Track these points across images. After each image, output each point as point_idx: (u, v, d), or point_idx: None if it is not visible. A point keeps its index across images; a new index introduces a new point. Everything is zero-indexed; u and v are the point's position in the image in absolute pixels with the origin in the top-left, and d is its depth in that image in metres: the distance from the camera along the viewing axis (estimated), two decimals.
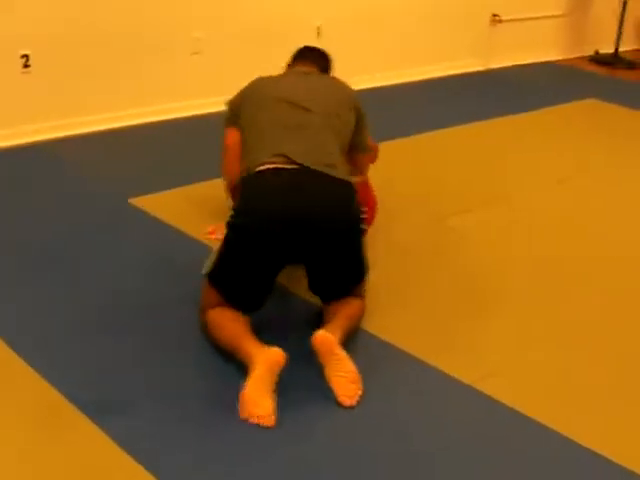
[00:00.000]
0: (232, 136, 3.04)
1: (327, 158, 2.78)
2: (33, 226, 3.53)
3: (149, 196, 3.81)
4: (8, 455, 2.20)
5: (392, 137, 4.69)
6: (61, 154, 4.38)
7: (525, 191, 4.24)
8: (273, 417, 2.34)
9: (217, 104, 5.06)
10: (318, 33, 5.71)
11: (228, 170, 3.06)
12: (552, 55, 7.36)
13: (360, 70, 5.90)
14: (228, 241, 2.67)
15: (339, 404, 2.42)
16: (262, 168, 2.70)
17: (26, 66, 4.44)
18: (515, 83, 6.57)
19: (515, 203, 4.08)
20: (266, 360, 2.38)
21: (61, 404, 2.38)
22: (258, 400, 2.34)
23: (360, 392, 2.46)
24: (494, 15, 6.73)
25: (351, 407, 2.42)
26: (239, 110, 3.05)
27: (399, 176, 4.23)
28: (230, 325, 2.58)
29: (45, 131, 4.53)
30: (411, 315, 3.00)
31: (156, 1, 4.85)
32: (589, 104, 6.03)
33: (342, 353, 2.47)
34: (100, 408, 2.37)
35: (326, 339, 2.45)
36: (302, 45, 3.52)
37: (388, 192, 3.78)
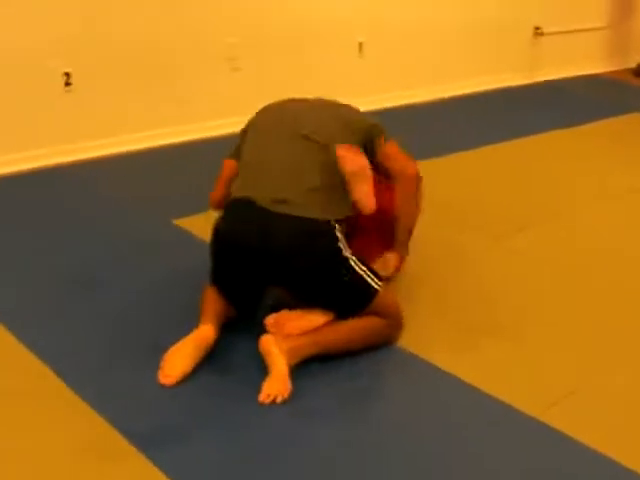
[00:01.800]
0: (224, 167, 3.13)
1: (299, 196, 2.76)
2: (77, 248, 3.49)
3: (193, 217, 3.75)
4: None
5: (437, 154, 4.62)
6: (102, 173, 4.35)
7: (576, 208, 4.13)
8: (174, 379, 2.53)
9: None
10: (360, 49, 5.65)
11: (210, 196, 3.18)
12: (595, 68, 7.24)
13: (402, 85, 5.85)
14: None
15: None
16: (235, 198, 2.88)
17: (67, 84, 4.42)
18: (558, 97, 6.46)
19: (565, 221, 3.98)
20: (195, 333, 2.65)
21: (111, 434, 2.31)
22: (171, 360, 2.57)
23: (285, 394, 2.48)
24: (536, 28, 6.64)
25: (263, 403, 2.45)
26: (241, 140, 3.11)
27: (445, 194, 4.14)
28: (206, 301, 2.82)
29: (86, 150, 4.50)
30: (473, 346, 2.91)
31: (196, 20, 4.82)
32: (633, 118, 5.90)
33: (275, 351, 2.54)
34: (150, 438, 2.30)
35: (264, 342, 2.58)
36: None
37: (438, 211, 3.70)
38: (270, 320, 2.68)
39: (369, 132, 2.98)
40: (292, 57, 5.29)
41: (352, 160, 2.87)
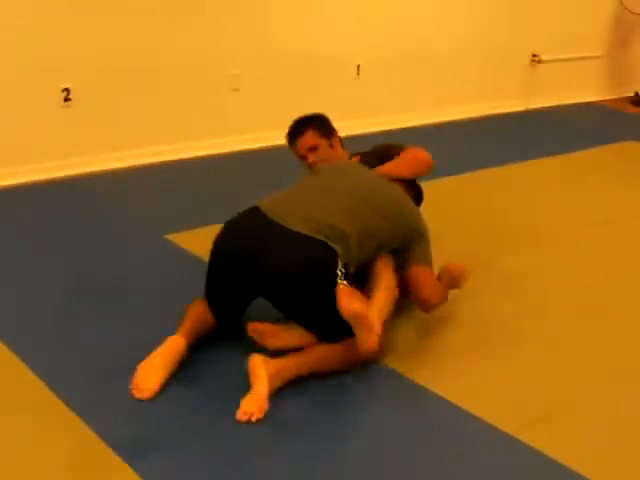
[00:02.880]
0: None
1: (317, 221, 2.75)
2: (66, 260, 3.52)
3: (185, 232, 3.79)
4: None
5: (432, 177, 4.65)
6: (100, 188, 4.39)
7: (569, 233, 4.18)
8: (149, 392, 2.54)
9: (256, 140, 5.15)
10: (358, 72, 5.71)
11: None
12: (592, 96, 7.33)
13: (398, 109, 5.91)
14: None
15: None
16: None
17: (67, 100, 4.47)
18: (554, 124, 6.54)
19: (559, 245, 4.02)
20: (164, 345, 2.66)
21: (95, 443, 2.34)
22: (144, 373, 2.58)
23: (260, 415, 2.47)
24: (534, 55, 6.72)
25: (240, 421, 2.45)
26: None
27: (440, 217, 4.17)
28: (188, 312, 2.83)
29: (84, 164, 4.55)
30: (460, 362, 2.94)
31: (196, 38, 4.88)
32: (627, 146, 5.96)
33: (261, 374, 2.53)
34: (134, 448, 2.33)
35: (253, 363, 2.57)
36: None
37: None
38: (252, 326, 2.70)
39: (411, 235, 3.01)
40: (293, 80, 5.36)
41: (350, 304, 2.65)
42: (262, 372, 2.54)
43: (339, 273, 2.66)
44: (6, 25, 4.22)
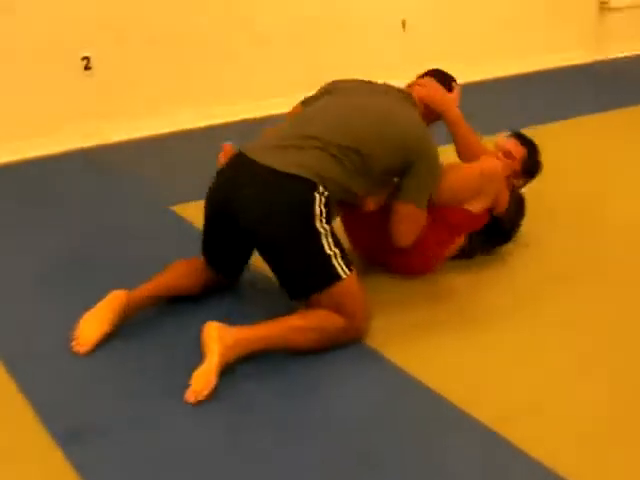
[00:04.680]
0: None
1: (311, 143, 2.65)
2: (68, 230, 3.50)
3: (190, 203, 3.66)
4: None
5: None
6: (117, 157, 4.33)
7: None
8: (87, 347, 2.53)
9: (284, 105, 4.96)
10: (403, 26, 5.44)
11: None
12: None
13: (449, 64, 5.57)
14: None
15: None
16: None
17: (87, 68, 4.39)
18: (625, 76, 6.06)
19: (611, 205, 3.72)
20: (106, 298, 2.60)
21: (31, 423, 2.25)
22: (83, 328, 2.56)
23: (205, 392, 2.33)
24: (602, 2, 6.27)
25: (188, 402, 2.32)
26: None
27: None
28: (160, 272, 2.79)
29: (104, 134, 4.48)
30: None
31: (217, 1, 4.71)
32: None
33: (212, 347, 2.39)
34: (70, 435, 2.22)
35: (206, 331, 2.43)
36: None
37: None
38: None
39: (415, 165, 2.76)
40: (337, 37, 5.14)
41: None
42: (214, 344, 2.40)
43: (317, 212, 2.54)
44: None
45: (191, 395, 2.34)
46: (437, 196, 2.90)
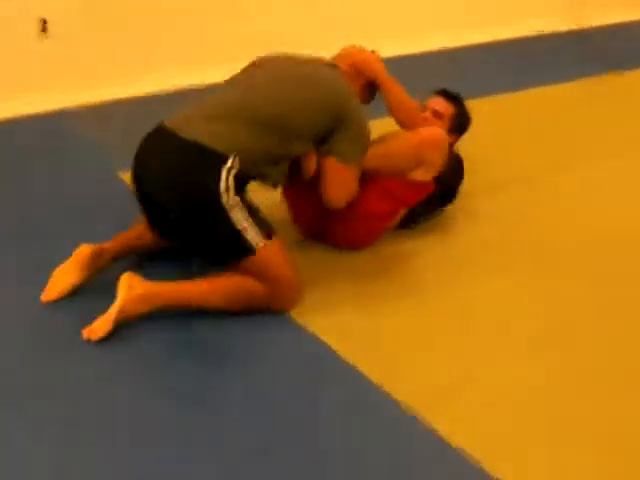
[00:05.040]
0: None
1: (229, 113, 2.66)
2: (21, 196, 3.48)
3: None
4: None
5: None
6: (73, 123, 4.24)
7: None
8: (51, 296, 2.68)
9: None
10: None
11: None
12: None
13: (417, 30, 5.48)
14: None
15: None
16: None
17: (44, 30, 4.31)
18: (604, 46, 5.93)
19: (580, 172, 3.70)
20: (74, 254, 2.72)
21: None
22: (53, 279, 2.71)
23: (100, 333, 2.47)
24: None
25: (88, 340, 2.47)
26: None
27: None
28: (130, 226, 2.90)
29: (60, 99, 4.37)
30: None
31: None
32: None
33: (120, 294, 2.50)
34: None
35: (121, 280, 2.54)
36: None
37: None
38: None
39: (342, 125, 2.74)
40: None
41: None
42: (121, 291, 2.52)
43: (223, 189, 2.53)
44: None
45: (86, 331, 2.49)
46: (375, 164, 2.87)
